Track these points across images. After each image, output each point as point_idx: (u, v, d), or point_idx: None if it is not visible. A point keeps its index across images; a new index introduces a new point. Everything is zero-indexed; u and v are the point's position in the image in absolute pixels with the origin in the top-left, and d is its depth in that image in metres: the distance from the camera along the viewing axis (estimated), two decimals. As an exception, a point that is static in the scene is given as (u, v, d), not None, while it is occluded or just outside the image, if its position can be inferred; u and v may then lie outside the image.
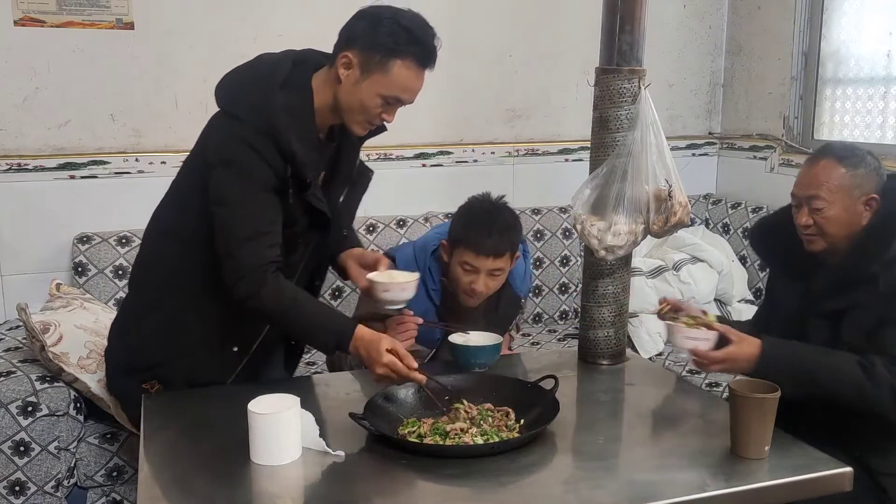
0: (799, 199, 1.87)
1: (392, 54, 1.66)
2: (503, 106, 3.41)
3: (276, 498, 1.40)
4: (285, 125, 1.65)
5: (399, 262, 2.13)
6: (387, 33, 1.65)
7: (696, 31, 3.67)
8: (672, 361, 2.90)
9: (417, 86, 1.72)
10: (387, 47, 1.65)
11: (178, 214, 1.83)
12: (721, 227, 3.53)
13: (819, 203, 1.81)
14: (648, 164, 1.88)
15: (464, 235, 2.00)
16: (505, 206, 2.07)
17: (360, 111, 1.71)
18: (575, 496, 1.40)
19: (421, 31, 1.68)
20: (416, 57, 1.67)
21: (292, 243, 1.77)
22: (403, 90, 1.70)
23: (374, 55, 1.66)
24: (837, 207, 1.80)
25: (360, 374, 2.00)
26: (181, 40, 2.91)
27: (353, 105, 1.71)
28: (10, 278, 2.83)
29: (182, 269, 1.79)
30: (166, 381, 1.85)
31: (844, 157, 1.82)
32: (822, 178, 1.81)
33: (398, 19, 1.67)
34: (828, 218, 1.81)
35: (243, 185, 1.67)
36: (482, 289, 1.99)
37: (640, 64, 1.93)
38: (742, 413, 1.48)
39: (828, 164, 1.82)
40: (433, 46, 1.69)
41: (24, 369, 2.23)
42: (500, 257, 1.98)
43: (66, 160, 2.84)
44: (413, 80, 1.70)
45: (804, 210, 1.85)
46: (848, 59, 3.19)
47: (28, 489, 2.16)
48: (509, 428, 1.60)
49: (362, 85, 1.68)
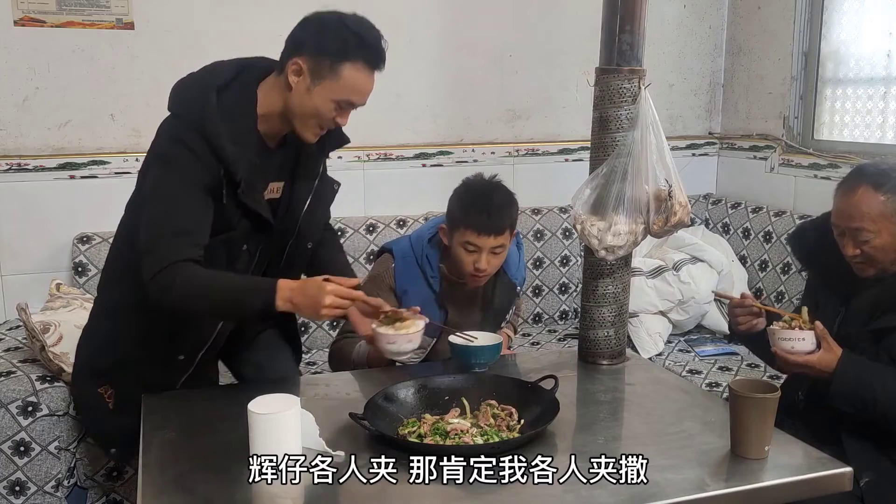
0: (842, 229, 1.84)
1: (342, 58, 1.66)
2: (503, 106, 3.41)
3: (277, 498, 1.40)
4: (215, 125, 1.65)
5: (396, 252, 2.14)
6: (335, 38, 1.66)
7: (696, 31, 3.67)
8: (672, 361, 2.91)
9: (368, 87, 1.72)
10: (336, 52, 1.66)
11: (131, 219, 1.81)
12: (721, 227, 3.53)
13: (865, 235, 1.78)
14: (648, 164, 1.88)
15: (463, 216, 2.01)
16: (499, 185, 2.08)
17: (313, 116, 1.71)
18: (575, 496, 1.40)
19: (368, 34, 1.69)
20: (365, 59, 1.68)
21: (233, 249, 1.75)
22: (355, 93, 1.70)
23: (324, 60, 1.66)
24: (885, 235, 1.77)
25: (360, 374, 2.00)
26: (181, 40, 2.92)
27: (306, 111, 1.70)
28: (10, 278, 2.83)
29: (132, 277, 1.72)
30: (118, 387, 1.88)
31: (881, 182, 1.78)
32: (863, 209, 1.78)
33: (345, 23, 1.68)
34: (876, 247, 1.78)
35: (174, 182, 1.66)
36: (485, 266, 2.00)
37: (640, 64, 1.93)
38: (742, 413, 1.48)
39: (866, 192, 1.78)
40: (381, 48, 1.70)
41: (24, 369, 2.24)
42: (500, 234, 1.99)
43: (66, 160, 2.84)
44: (364, 82, 1.70)
45: (849, 241, 1.82)
46: (848, 59, 3.19)
47: (28, 489, 2.16)
48: (511, 428, 1.60)
49: (314, 90, 1.68)
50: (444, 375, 1.79)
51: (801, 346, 1.75)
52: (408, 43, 3.20)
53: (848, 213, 1.81)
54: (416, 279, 2.10)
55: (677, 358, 2.94)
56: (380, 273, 2.14)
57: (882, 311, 1.80)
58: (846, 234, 1.83)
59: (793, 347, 1.76)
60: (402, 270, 2.12)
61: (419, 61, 3.23)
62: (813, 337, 1.75)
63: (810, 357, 1.75)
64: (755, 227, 3.33)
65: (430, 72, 3.27)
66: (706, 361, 2.90)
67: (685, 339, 3.15)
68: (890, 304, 1.79)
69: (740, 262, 3.34)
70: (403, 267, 2.12)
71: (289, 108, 1.71)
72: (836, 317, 1.90)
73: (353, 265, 3.01)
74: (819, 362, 1.74)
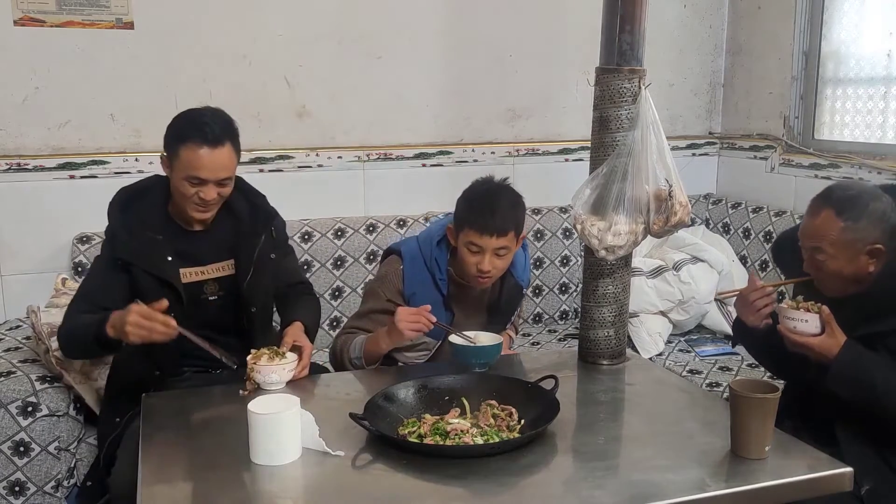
0: (804, 245, 1.85)
1: (178, 143, 1.93)
2: (503, 106, 3.41)
3: (276, 498, 1.40)
4: (121, 226, 1.99)
5: (405, 254, 2.13)
6: (174, 129, 1.97)
7: (696, 31, 3.67)
8: (672, 361, 2.90)
9: (207, 161, 1.92)
10: (174, 139, 1.95)
11: None
12: (721, 227, 3.53)
13: (821, 256, 1.79)
14: (648, 164, 1.88)
15: (468, 216, 2.00)
16: (507, 187, 2.08)
17: (181, 197, 1.97)
18: (575, 496, 1.40)
19: (197, 118, 1.94)
20: (193, 138, 1.91)
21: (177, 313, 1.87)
22: (197, 168, 1.91)
23: (171, 149, 1.95)
24: (840, 260, 1.78)
25: (360, 375, 2.00)
26: (181, 40, 2.92)
27: (176, 193, 1.98)
28: (10, 278, 2.83)
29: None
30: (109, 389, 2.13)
31: (844, 208, 1.77)
32: (822, 231, 1.78)
33: (183, 115, 1.98)
34: (829, 271, 1.80)
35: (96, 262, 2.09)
36: (488, 268, 1.99)
37: (640, 64, 1.93)
38: (742, 413, 1.48)
39: (828, 216, 1.78)
40: (204, 124, 1.92)
41: (24, 369, 2.23)
42: (504, 236, 1.98)
43: (66, 160, 2.84)
44: (201, 157, 1.91)
45: (810, 257, 1.83)
46: (848, 59, 3.19)
47: (28, 489, 2.16)
48: (511, 428, 1.60)
49: (173, 176, 1.96)
50: (444, 375, 1.79)
51: (804, 328, 1.76)
52: (408, 43, 3.20)
53: (809, 232, 1.83)
54: (424, 282, 2.08)
55: (677, 358, 2.94)
56: (388, 275, 2.13)
57: (867, 318, 1.79)
58: (808, 250, 1.84)
59: (795, 327, 1.77)
60: (410, 273, 2.10)
61: (419, 61, 3.23)
62: (817, 321, 1.75)
63: (812, 339, 1.75)
64: (755, 227, 3.33)
65: (430, 71, 3.27)
66: (706, 361, 2.90)
67: (685, 339, 3.15)
68: (874, 309, 1.79)
69: (741, 262, 3.34)
70: (412, 269, 2.11)
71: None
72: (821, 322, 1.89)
73: (354, 265, 3.02)
74: (820, 345, 1.74)
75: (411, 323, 1.90)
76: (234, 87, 2.99)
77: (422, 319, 1.91)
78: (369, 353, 2.02)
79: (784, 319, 1.80)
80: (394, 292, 2.09)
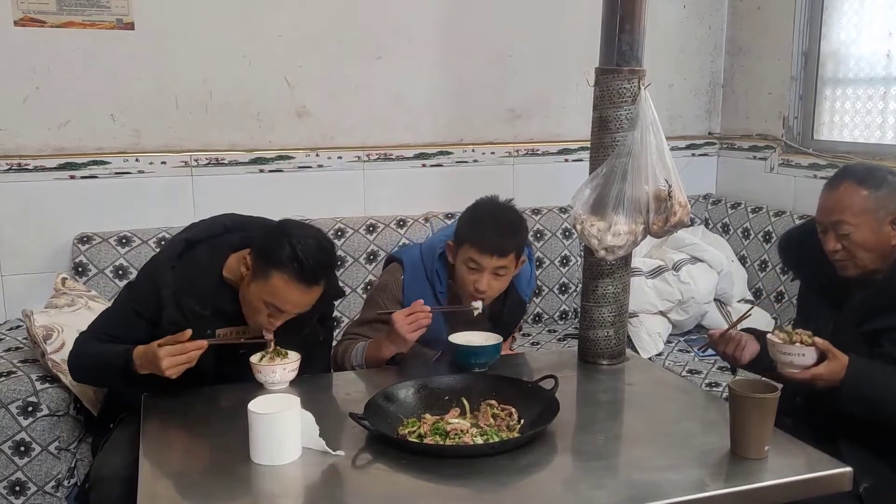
0: (824, 225, 1.84)
1: (271, 265, 1.75)
2: (503, 106, 3.41)
3: (276, 498, 1.40)
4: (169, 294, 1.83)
5: (406, 263, 2.12)
6: (274, 244, 1.77)
7: (696, 31, 3.67)
8: (672, 361, 2.91)
9: (295, 298, 1.77)
10: (269, 257, 1.76)
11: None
12: (721, 227, 3.53)
13: (845, 228, 1.78)
14: (648, 165, 1.88)
15: (468, 233, 2.00)
16: (511, 208, 2.08)
17: (249, 310, 1.83)
18: (575, 496, 1.40)
19: (305, 251, 1.75)
20: (292, 271, 1.74)
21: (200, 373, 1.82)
22: (282, 301, 1.77)
23: (260, 262, 1.78)
24: (864, 230, 1.77)
25: (360, 375, 2.00)
26: (181, 40, 2.92)
27: (245, 300, 1.83)
28: (10, 278, 2.83)
29: None
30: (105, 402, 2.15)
31: (865, 178, 1.79)
32: (844, 203, 1.78)
33: (288, 234, 1.77)
34: (855, 242, 1.79)
35: (121, 301, 1.95)
36: (485, 287, 1.98)
37: (640, 64, 1.94)
38: (742, 413, 1.48)
39: (849, 187, 1.79)
40: (311, 265, 1.75)
41: (24, 369, 2.23)
42: (503, 256, 1.97)
43: (66, 160, 2.84)
44: (290, 292, 1.76)
45: (831, 236, 1.82)
46: (848, 60, 3.19)
47: (28, 489, 2.16)
48: (510, 428, 1.60)
49: (251, 286, 1.79)
50: (444, 375, 1.80)
51: (802, 361, 1.72)
52: (408, 43, 3.20)
53: (830, 206, 1.82)
54: (424, 293, 2.07)
55: (677, 358, 2.94)
56: (388, 283, 2.13)
57: (874, 313, 1.79)
58: (828, 230, 1.83)
59: (792, 362, 1.72)
60: (410, 283, 2.10)
61: (419, 61, 3.23)
62: (814, 353, 1.71)
63: (817, 369, 1.71)
64: (755, 228, 3.33)
65: (430, 72, 3.27)
66: (706, 361, 2.90)
67: (685, 339, 3.15)
68: (882, 305, 1.79)
69: (740, 262, 3.34)
70: (412, 279, 2.11)
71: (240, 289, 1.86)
72: (829, 321, 1.89)
73: (354, 265, 3.02)
74: (827, 373, 1.71)
75: (410, 325, 1.90)
76: (233, 87, 2.99)
77: (419, 316, 1.91)
78: (371, 360, 2.02)
79: (779, 356, 1.74)
80: (393, 302, 2.09)
